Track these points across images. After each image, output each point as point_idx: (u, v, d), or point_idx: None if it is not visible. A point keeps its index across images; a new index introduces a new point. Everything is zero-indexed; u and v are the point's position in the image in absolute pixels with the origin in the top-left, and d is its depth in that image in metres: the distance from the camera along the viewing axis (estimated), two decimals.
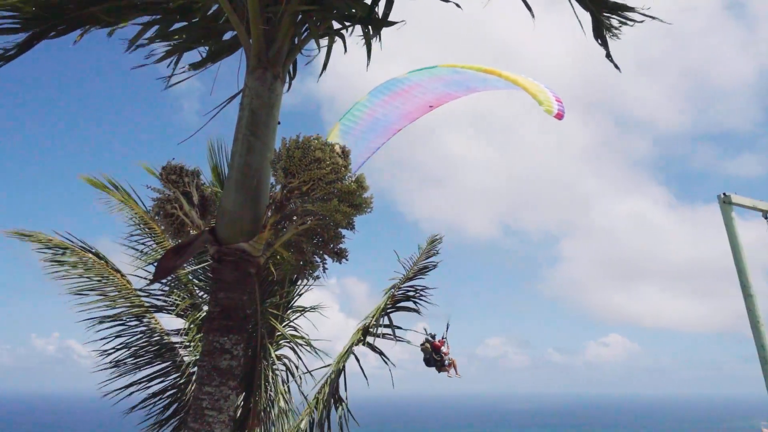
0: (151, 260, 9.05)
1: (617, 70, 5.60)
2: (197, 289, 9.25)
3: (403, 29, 5.66)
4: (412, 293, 8.84)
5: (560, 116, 9.12)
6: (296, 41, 5.62)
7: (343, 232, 5.61)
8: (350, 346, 8.94)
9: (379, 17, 5.64)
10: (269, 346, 9.09)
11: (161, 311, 9.20)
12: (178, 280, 9.14)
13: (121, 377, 8.75)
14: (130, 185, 9.43)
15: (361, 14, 5.46)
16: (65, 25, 5.48)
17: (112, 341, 8.76)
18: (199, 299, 9.05)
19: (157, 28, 5.69)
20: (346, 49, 6.01)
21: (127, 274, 9.15)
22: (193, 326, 8.74)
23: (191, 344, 8.84)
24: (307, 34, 5.63)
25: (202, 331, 8.04)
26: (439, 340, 12.50)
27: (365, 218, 5.56)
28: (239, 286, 5.01)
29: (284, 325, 9.57)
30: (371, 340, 9.04)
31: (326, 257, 5.66)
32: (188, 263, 8.80)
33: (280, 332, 9.36)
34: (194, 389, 4.96)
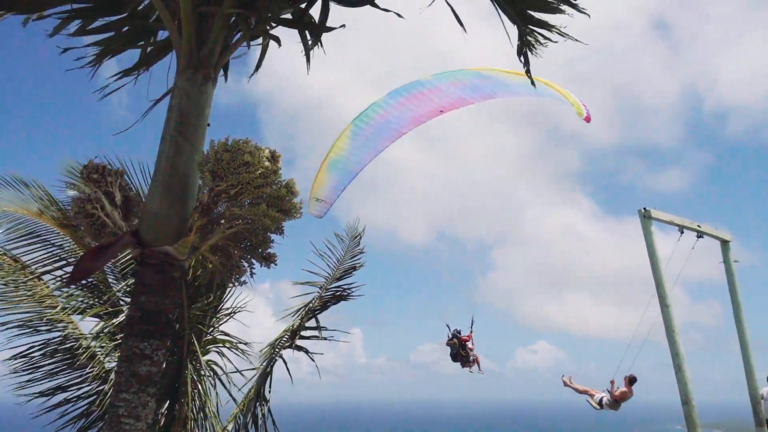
0: (69, 262, 8.67)
1: (533, 86, 5.79)
2: (119, 292, 8.93)
3: (347, 34, 5.68)
4: (339, 293, 8.85)
5: (588, 119, 9.54)
6: (230, 42, 5.56)
7: (272, 236, 5.57)
8: (275, 346, 8.86)
9: (315, 22, 5.65)
10: (197, 350, 8.89)
11: (83, 314, 8.82)
12: (98, 282, 8.80)
13: (36, 384, 8.36)
14: (34, 183, 8.79)
15: (295, 18, 5.46)
16: None
17: (26, 346, 8.36)
18: (121, 303, 8.75)
19: (79, 22, 5.50)
20: (280, 44, 5.97)
21: (42, 275, 8.73)
22: (111, 331, 8.44)
23: (113, 350, 8.53)
24: (240, 35, 5.57)
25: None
26: (466, 335, 12.64)
27: (299, 221, 5.53)
28: (162, 289, 4.88)
29: (212, 329, 9.39)
30: (300, 343, 9.01)
31: (254, 262, 5.60)
32: (110, 265, 8.50)
33: (207, 337, 9.18)
34: (111, 396, 4.79)
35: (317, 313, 9.08)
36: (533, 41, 5.29)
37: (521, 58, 5.39)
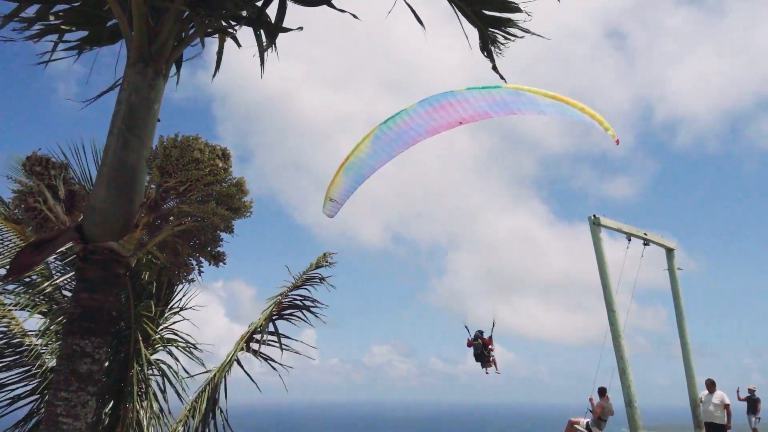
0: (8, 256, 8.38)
1: (503, 81, 5.90)
2: (62, 289, 8.68)
3: (305, 32, 5.65)
4: (299, 302, 8.78)
5: (618, 142, 10.39)
6: (183, 37, 5.47)
7: (222, 235, 5.51)
8: (233, 353, 8.75)
9: (270, 21, 5.61)
10: (144, 350, 8.70)
11: (26, 310, 8.54)
12: (43, 279, 8.54)
13: None
14: None
15: (250, 16, 5.41)
16: None
17: None
18: (64, 300, 8.51)
19: (38, 7, 5.33)
20: (239, 45, 5.91)
21: None
22: (54, 329, 8.20)
23: (54, 348, 8.29)
24: (194, 31, 5.49)
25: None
26: (488, 337, 13.15)
27: (254, 221, 5.50)
28: (106, 286, 4.78)
29: (161, 328, 9.21)
30: (256, 346, 8.90)
31: (203, 260, 5.54)
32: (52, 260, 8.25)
33: (155, 336, 8.99)
34: (49, 395, 4.66)
35: (275, 319, 8.97)
36: (497, 39, 5.40)
37: (485, 53, 5.49)
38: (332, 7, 5.46)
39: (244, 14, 5.60)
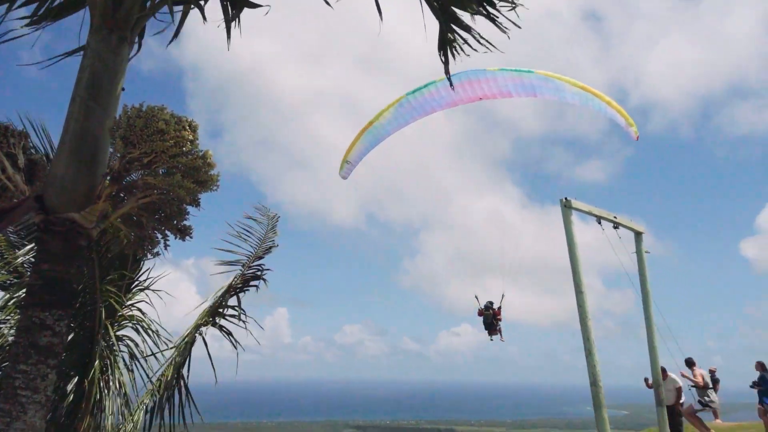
0: None
1: (451, 88, 5.79)
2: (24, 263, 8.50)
3: (278, 6, 5.53)
4: (260, 272, 8.71)
5: (638, 137, 11.36)
6: (149, 4, 5.33)
7: (189, 209, 5.42)
8: (195, 326, 8.67)
9: None
10: (108, 326, 8.59)
11: None
12: (3, 250, 8.35)
13: None
14: None
15: None
16: None
17: None
18: (25, 271, 8.33)
19: None
20: (204, 18, 5.78)
21: None
22: (18, 303, 8.04)
23: (15, 322, 8.13)
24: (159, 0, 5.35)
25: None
26: (497, 308, 14.25)
27: (225, 198, 5.42)
28: (67, 258, 4.67)
29: (127, 304, 9.09)
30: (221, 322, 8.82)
31: (168, 233, 5.44)
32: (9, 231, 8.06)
33: (121, 312, 8.87)
34: (7, 368, 4.57)
35: (238, 291, 8.91)
36: (455, 41, 5.25)
37: (441, 54, 5.35)
38: None
39: None
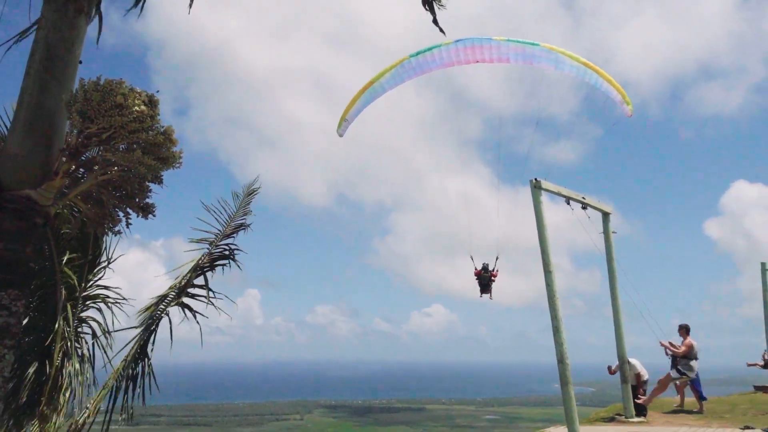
0: None
1: (443, 34, 5.87)
2: None
3: None
4: (228, 252, 8.57)
5: (631, 114, 11.47)
6: None
7: (151, 186, 5.29)
8: (159, 302, 8.51)
9: None
10: (69, 307, 8.40)
11: None
12: None
13: None
14: None
15: None
16: None
17: None
18: None
19: None
20: None
21: None
22: None
23: None
24: None
25: None
26: (493, 269, 15.34)
27: (193, 177, 5.30)
28: (23, 237, 4.54)
29: (90, 284, 8.89)
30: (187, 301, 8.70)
31: (130, 211, 5.31)
32: None
33: (83, 292, 8.67)
34: None
35: (206, 270, 8.77)
36: None
37: (425, 6, 5.43)
38: None
39: None
